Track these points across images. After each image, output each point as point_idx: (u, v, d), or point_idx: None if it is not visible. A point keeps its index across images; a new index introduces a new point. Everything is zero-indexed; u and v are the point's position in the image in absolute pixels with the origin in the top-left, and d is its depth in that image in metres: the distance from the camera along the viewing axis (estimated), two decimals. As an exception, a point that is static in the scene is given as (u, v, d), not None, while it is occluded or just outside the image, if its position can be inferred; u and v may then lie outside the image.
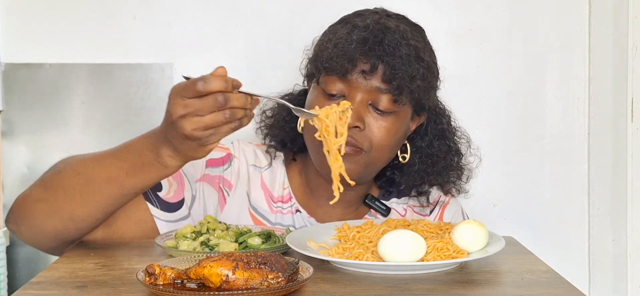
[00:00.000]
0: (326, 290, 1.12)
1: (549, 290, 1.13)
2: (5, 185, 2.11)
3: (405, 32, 1.48)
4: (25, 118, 2.12)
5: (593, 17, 2.16)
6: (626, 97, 2.05)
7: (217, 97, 1.20)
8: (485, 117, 2.20)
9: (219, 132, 1.24)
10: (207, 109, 1.21)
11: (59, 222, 1.39)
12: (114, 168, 1.35)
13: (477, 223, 1.29)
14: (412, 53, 1.46)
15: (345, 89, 1.47)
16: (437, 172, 1.61)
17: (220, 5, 2.15)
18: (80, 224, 1.40)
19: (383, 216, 1.61)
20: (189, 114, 1.22)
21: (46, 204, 1.39)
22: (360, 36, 1.46)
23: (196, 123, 1.22)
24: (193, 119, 1.22)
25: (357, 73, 1.46)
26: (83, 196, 1.37)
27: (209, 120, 1.21)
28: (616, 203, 2.12)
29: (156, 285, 1.08)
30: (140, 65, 2.14)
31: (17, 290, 1.13)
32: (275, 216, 1.59)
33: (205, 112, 1.21)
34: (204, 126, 1.22)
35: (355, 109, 1.45)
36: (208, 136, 1.24)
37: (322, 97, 1.49)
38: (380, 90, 1.46)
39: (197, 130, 1.22)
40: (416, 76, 1.46)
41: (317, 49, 1.52)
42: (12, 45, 2.12)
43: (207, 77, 1.21)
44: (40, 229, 1.42)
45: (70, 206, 1.38)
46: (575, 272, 2.18)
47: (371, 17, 1.51)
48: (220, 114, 1.21)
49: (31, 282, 1.16)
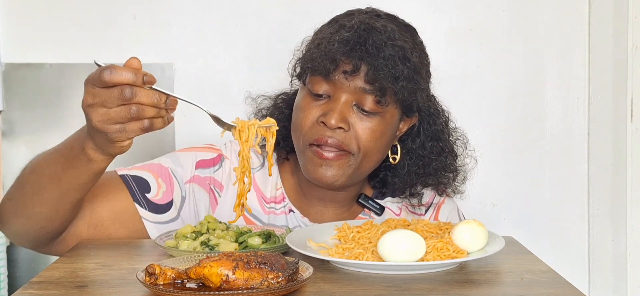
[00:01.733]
0: (326, 290, 1.12)
1: (549, 290, 1.13)
2: (5, 185, 2.10)
3: (393, 32, 1.47)
4: (25, 118, 2.12)
5: (593, 17, 2.16)
6: (626, 97, 2.05)
7: (123, 90, 1.14)
8: (485, 117, 2.20)
9: (127, 130, 1.18)
10: (113, 101, 1.15)
11: (23, 221, 1.39)
12: (54, 164, 1.33)
13: (476, 223, 1.29)
14: (398, 53, 1.45)
15: (330, 89, 1.47)
16: (429, 173, 1.60)
17: (220, 5, 2.15)
18: (39, 223, 1.38)
19: (377, 215, 1.61)
20: (95, 104, 1.17)
21: (12, 204, 1.39)
22: (344, 37, 1.45)
23: (102, 115, 1.17)
24: (100, 110, 1.17)
25: (339, 73, 1.45)
26: (34, 194, 1.35)
27: (114, 113, 1.16)
28: (616, 203, 2.12)
29: (156, 285, 1.08)
30: (140, 65, 2.14)
31: (17, 290, 1.13)
32: (268, 217, 1.59)
33: (112, 105, 1.15)
34: (110, 119, 1.17)
35: (339, 109, 1.45)
36: (115, 131, 1.18)
37: (309, 98, 1.49)
38: (364, 90, 1.45)
39: (103, 122, 1.17)
40: (400, 76, 1.44)
41: (305, 50, 1.53)
42: (12, 45, 2.12)
43: (114, 67, 1.14)
44: (12, 230, 1.43)
45: (26, 205, 1.37)
46: (575, 272, 2.18)
47: (359, 17, 1.50)
48: (126, 108, 1.15)
49: (31, 282, 1.16)
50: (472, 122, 1.78)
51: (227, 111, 2.06)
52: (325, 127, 1.46)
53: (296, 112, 1.52)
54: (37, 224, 1.39)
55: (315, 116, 1.48)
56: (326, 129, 1.46)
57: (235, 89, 2.15)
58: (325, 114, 1.46)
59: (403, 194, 1.64)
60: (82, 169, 1.30)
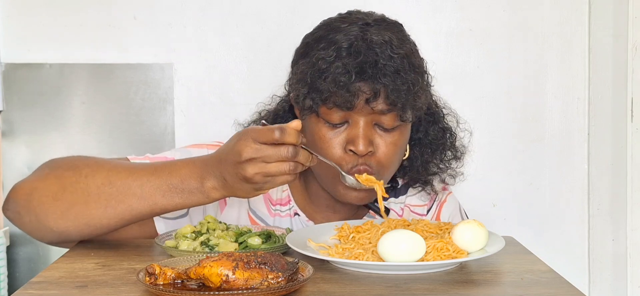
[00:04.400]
0: (326, 290, 1.12)
1: (549, 290, 1.13)
2: (5, 185, 2.11)
3: (391, 41, 1.45)
4: (25, 118, 2.12)
5: (593, 17, 2.16)
6: (626, 97, 2.05)
7: (289, 149, 1.24)
8: (485, 117, 2.20)
9: (275, 182, 1.27)
10: (276, 157, 1.24)
11: (72, 224, 1.36)
12: (149, 187, 1.33)
13: (477, 223, 1.29)
14: (405, 65, 1.43)
15: (347, 115, 1.46)
16: (439, 158, 1.63)
17: (220, 5, 2.15)
18: (95, 230, 1.37)
19: (381, 217, 1.61)
20: (257, 158, 1.24)
21: (62, 204, 1.35)
22: (355, 64, 1.42)
23: (260, 168, 1.24)
24: (259, 164, 1.24)
25: (361, 102, 1.43)
26: (109, 206, 1.34)
27: (274, 168, 1.24)
28: (616, 203, 2.12)
29: (156, 285, 1.08)
30: (140, 65, 2.14)
31: (17, 290, 1.13)
32: (274, 220, 1.59)
33: (273, 160, 1.24)
34: (267, 173, 1.24)
35: (364, 134, 1.45)
36: (265, 182, 1.26)
37: (326, 128, 1.47)
38: (382, 111, 1.45)
39: (258, 175, 1.25)
40: (415, 89, 1.44)
41: (310, 81, 1.46)
42: (12, 46, 2.12)
43: (285, 127, 1.24)
44: (47, 226, 1.37)
45: (90, 212, 1.35)
46: (575, 272, 2.18)
47: (351, 32, 1.47)
48: (285, 164, 1.24)
49: (31, 282, 1.16)
50: (472, 123, 1.78)
51: (227, 111, 2.08)
52: (355, 155, 1.46)
53: (317, 144, 1.48)
54: (90, 230, 1.37)
55: (339, 144, 1.47)
56: (357, 157, 1.46)
57: (235, 89, 2.16)
58: (352, 142, 1.45)
59: (414, 185, 1.66)
60: (192, 201, 1.33)
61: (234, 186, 1.29)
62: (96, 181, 1.35)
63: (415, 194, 1.68)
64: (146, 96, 2.14)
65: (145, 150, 2.09)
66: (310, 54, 1.49)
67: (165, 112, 2.14)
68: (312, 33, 1.54)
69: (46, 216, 1.37)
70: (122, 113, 2.14)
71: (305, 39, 1.55)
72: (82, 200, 1.35)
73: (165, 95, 2.15)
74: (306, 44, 1.53)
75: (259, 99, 1.74)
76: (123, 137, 2.15)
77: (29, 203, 1.38)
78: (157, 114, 2.14)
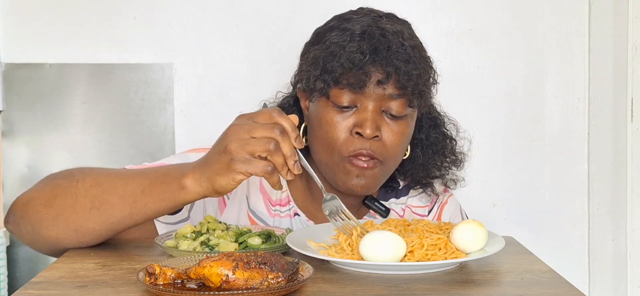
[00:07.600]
0: (326, 290, 1.12)
1: (549, 290, 1.13)
2: (5, 185, 2.11)
3: (402, 32, 1.48)
4: (25, 118, 2.12)
5: (593, 17, 2.16)
6: (626, 97, 2.05)
7: (276, 126, 1.23)
8: (485, 117, 2.20)
9: (251, 163, 1.23)
10: (261, 132, 1.22)
11: (62, 231, 1.35)
12: (133, 184, 1.32)
13: (476, 223, 1.29)
14: (416, 54, 1.46)
15: (357, 99, 1.46)
16: (440, 162, 1.63)
17: (220, 5, 2.15)
18: (83, 237, 1.36)
19: (382, 216, 1.61)
20: (244, 127, 1.23)
21: (52, 211, 1.35)
22: (370, 45, 1.43)
23: (242, 138, 1.23)
24: (243, 134, 1.23)
25: (372, 84, 1.44)
26: (93, 209, 1.33)
27: (255, 142, 1.22)
28: (616, 203, 2.12)
29: (156, 285, 1.08)
30: (140, 65, 2.14)
31: (17, 290, 1.12)
32: (274, 220, 1.59)
33: (257, 135, 1.22)
34: (246, 144, 1.22)
35: (372, 118, 1.45)
36: (242, 158, 1.23)
37: (334, 111, 1.47)
38: (392, 96, 1.45)
39: (239, 144, 1.22)
40: (426, 77, 1.46)
41: (323, 63, 1.47)
42: (12, 46, 2.12)
43: (282, 112, 1.25)
44: (41, 235, 1.37)
45: (77, 215, 1.34)
46: (575, 272, 2.18)
47: (363, 20, 1.49)
48: (267, 140, 1.22)
49: (31, 282, 1.16)
50: (472, 122, 1.78)
51: (227, 111, 2.07)
52: (361, 138, 1.45)
53: (324, 127, 1.48)
54: (78, 236, 1.35)
55: (346, 128, 1.47)
56: (362, 140, 1.45)
57: (235, 89, 2.16)
58: (359, 125, 1.45)
59: (415, 187, 1.66)
60: (169, 194, 1.30)
61: (212, 167, 1.26)
62: (85, 184, 1.35)
63: (416, 196, 1.68)
64: (146, 96, 2.14)
65: (145, 150, 2.09)
66: (323, 40, 1.51)
67: (165, 112, 2.15)
68: (324, 25, 1.56)
69: (40, 224, 1.36)
70: (122, 113, 2.14)
71: (317, 30, 1.57)
72: (70, 204, 1.34)
73: (165, 95, 2.15)
74: (317, 34, 1.55)
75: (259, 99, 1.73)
76: (123, 137, 2.15)
77: (25, 213, 1.38)
78: (157, 114, 2.14)
